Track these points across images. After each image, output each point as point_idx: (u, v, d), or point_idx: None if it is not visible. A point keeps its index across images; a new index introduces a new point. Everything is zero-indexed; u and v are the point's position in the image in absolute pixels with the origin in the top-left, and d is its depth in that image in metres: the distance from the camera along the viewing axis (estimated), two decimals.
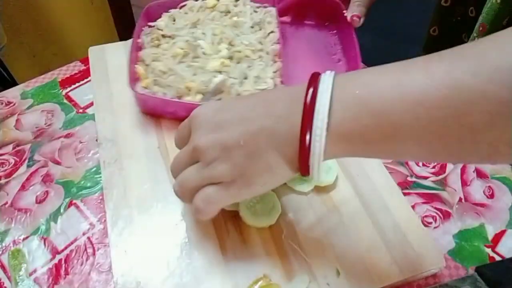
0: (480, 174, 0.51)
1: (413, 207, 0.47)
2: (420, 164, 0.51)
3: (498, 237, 0.45)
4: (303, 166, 0.31)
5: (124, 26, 1.47)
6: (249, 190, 0.34)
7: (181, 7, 0.60)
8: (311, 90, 0.30)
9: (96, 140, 0.50)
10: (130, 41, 0.55)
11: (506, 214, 0.47)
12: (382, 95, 0.28)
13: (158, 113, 0.52)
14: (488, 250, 0.44)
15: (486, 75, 0.25)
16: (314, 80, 0.30)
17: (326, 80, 0.30)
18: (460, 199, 0.48)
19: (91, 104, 0.56)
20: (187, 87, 0.49)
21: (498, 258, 0.43)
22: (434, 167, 0.51)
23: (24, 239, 0.43)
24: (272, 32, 0.57)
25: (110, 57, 0.59)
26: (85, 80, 0.60)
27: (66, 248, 0.43)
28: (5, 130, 0.54)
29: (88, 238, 0.43)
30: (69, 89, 0.59)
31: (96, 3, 1.41)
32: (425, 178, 0.50)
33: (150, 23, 0.58)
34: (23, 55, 1.31)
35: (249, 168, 0.33)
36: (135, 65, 0.53)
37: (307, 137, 0.29)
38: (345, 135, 0.29)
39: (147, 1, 0.58)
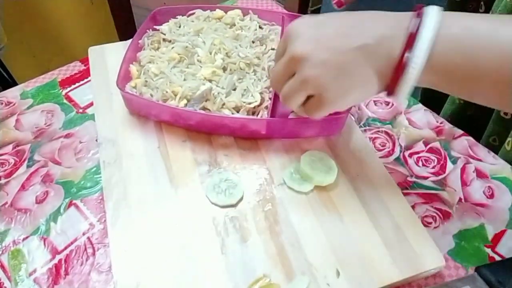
0: (480, 174, 0.50)
1: (413, 207, 0.47)
2: (420, 164, 0.51)
3: (498, 237, 0.45)
4: (392, 86, 0.34)
5: (124, 26, 1.47)
6: (339, 101, 0.37)
7: (189, 15, 0.60)
8: (417, 19, 0.32)
9: (96, 140, 0.50)
10: (130, 41, 0.55)
11: (506, 214, 0.47)
12: (479, 41, 0.31)
13: (143, 114, 0.52)
14: (488, 250, 0.44)
15: None
16: (419, 11, 0.33)
17: (433, 14, 0.32)
18: (460, 199, 0.48)
19: (91, 104, 0.56)
20: (173, 91, 0.49)
21: (498, 258, 0.43)
22: (434, 167, 0.51)
23: (24, 239, 0.43)
24: (273, 49, 0.57)
25: (110, 57, 0.59)
26: (85, 80, 0.60)
27: (66, 248, 0.43)
28: (5, 130, 0.54)
29: (88, 238, 0.43)
30: (69, 89, 0.59)
31: (96, 3, 1.42)
32: (425, 178, 0.50)
33: (155, 27, 0.58)
34: (23, 55, 1.31)
35: (343, 81, 0.35)
36: (130, 64, 0.53)
37: (406, 61, 0.32)
38: (434, 68, 0.32)
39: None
